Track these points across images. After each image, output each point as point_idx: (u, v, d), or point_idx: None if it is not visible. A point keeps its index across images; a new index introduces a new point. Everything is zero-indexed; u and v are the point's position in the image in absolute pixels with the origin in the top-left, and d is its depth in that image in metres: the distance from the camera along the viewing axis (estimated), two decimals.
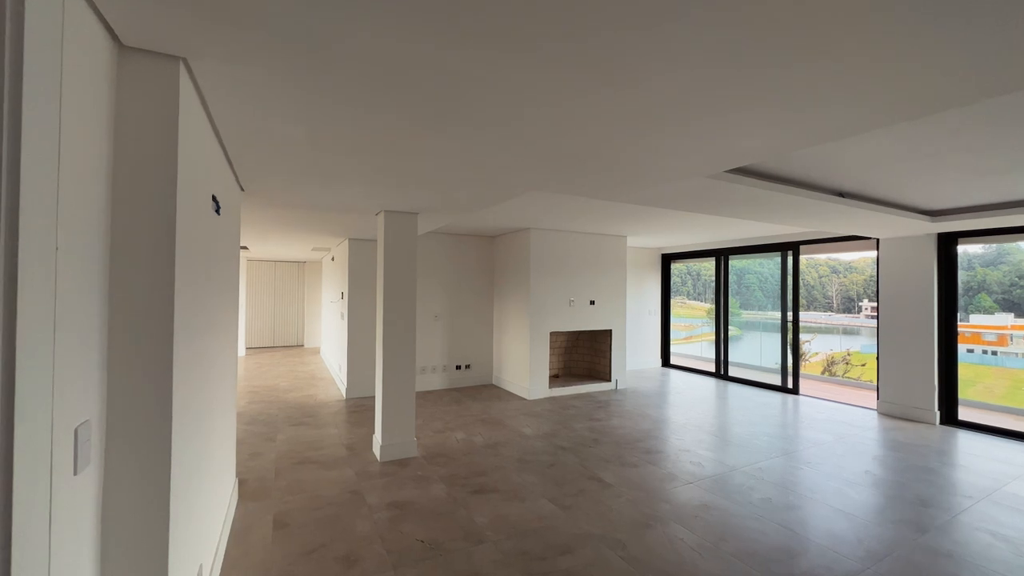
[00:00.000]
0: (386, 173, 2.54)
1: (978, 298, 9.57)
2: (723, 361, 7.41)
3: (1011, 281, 9.52)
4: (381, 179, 2.68)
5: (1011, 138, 2.43)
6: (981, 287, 9.92)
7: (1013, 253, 9.21)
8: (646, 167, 2.32)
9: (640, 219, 5.21)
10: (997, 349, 9.09)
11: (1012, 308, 9.25)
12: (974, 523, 2.74)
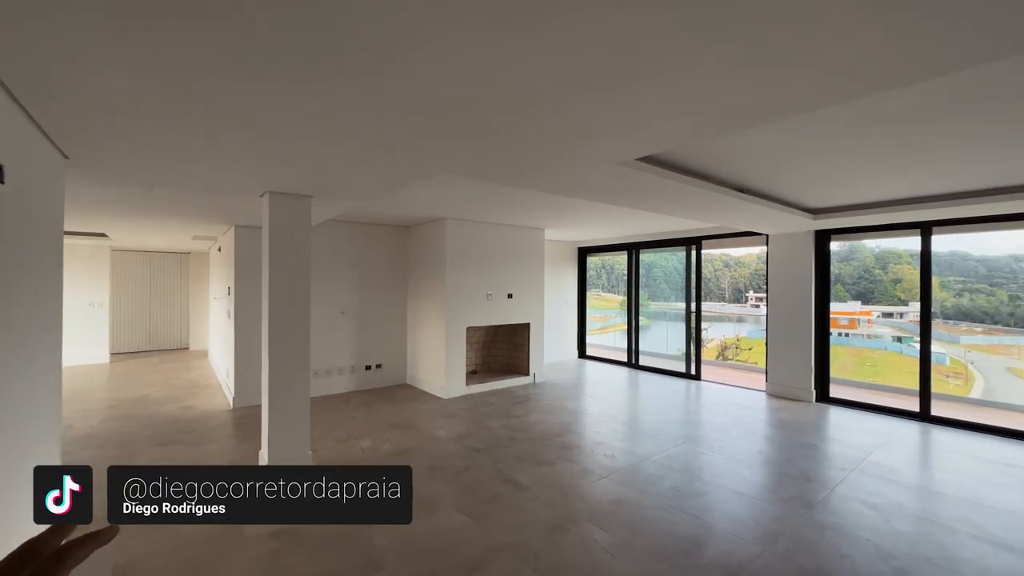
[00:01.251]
0: (249, 143, 2.12)
1: (835, 289, 11.33)
2: (634, 351, 7.72)
3: (859, 275, 11.21)
4: (244, 151, 2.24)
5: (876, 141, 2.65)
6: (837, 279, 11.72)
7: (860, 251, 10.83)
8: (560, 147, 2.16)
9: (557, 212, 5.15)
10: (848, 332, 10.77)
11: (859, 297, 10.88)
12: (849, 494, 3.01)
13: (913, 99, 2.08)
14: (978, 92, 1.99)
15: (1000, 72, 1.81)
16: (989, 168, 3.17)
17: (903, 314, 15.21)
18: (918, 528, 2.59)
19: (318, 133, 1.98)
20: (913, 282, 17.60)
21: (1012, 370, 10.09)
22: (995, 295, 11.46)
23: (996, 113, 2.20)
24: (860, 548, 2.38)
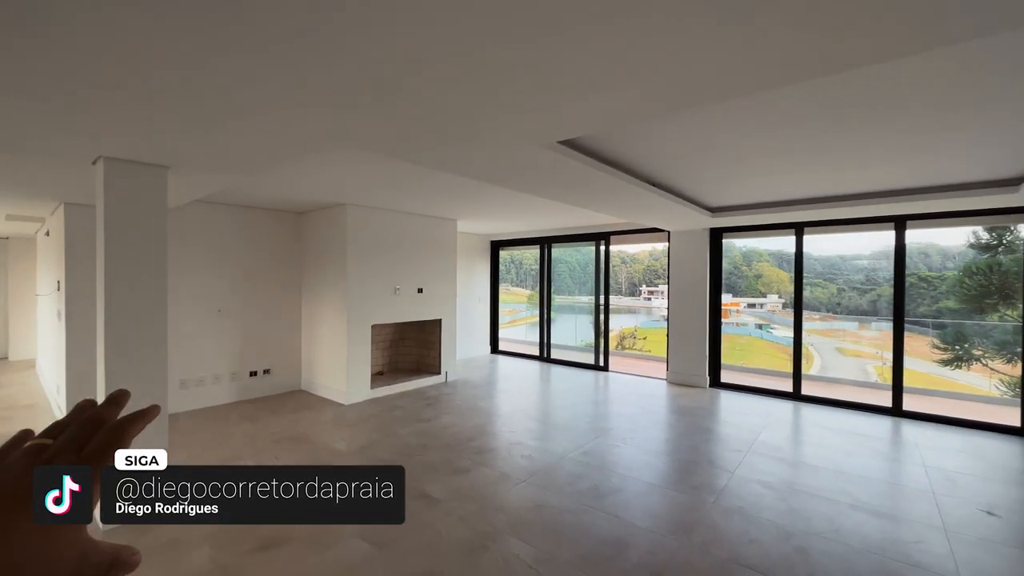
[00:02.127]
0: (59, 81, 1.55)
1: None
2: (546, 344, 7.76)
3: (729, 270, 12.78)
4: (56, 95, 1.65)
5: (776, 143, 2.79)
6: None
7: (731, 250, 12.37)
8: (478, 118, 1.90)
9: (471, 201, 4.88)
10: (723, 321, 12.39)
11: (730, 290, 12.43)
12: (748, 476, 3.19)
13: (809, 102, 2.17)
14: (843, 101, 2.13)
15: (856, 84, 1.93)
16: (852, 175, 3.56)
17: (763, 304, 17.56)
18: (807, 504, 2.80)
19: (165, 79, 1.49)
20: (771, 277, 20.29)
21: (840, 350, 12.13)
22: (828, 288, 13.71)
23: (855, 123, 2.41)
24: (765, 530, 2.49)
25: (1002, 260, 9.00)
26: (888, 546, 2.35)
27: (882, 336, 11.96)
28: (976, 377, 9.11)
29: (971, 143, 2.75)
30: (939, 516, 2.66)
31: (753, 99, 2.16)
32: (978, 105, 2.18)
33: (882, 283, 13.47)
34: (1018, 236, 9.01)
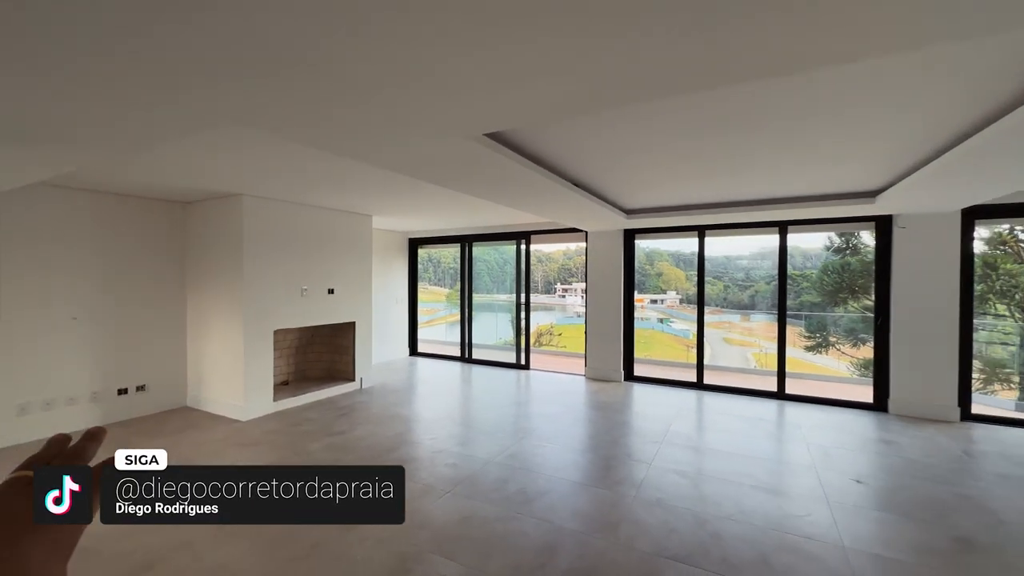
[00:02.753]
0: None
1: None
2: (467, 344, 7.63)
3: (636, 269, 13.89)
4: None
5: (678, 150, 2.95)
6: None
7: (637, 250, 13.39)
8: (398, 105, 1.71)
9: (388, 196, 4.58)
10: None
11: (636, 288, 13.53)
12: (664, 466, 3.35)
13: (711, 112, 2.30)
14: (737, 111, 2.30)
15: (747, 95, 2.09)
16: (745, 183, 3.91)
17: (663, 300, 19.18)
18: (716, 488, 3.00)
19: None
20: (670, 275, 22.01)
21: (726, 340, 13.64)
22: (716, 285, 15.34)
23: (742, 135, 2.62)
24: (682, 519, 2.60)
25: (851, 261, 10.73)
26: (784, 521, 2.58)
27: (760, 327, 13.62)
28: (830, 360, 10.70)
29: (836, 160, 3.14)
30: (821, 489, 3.00)
31: (667, 106, 2.22)
32: (843, 126, 2.46)
33: (758, 280, 15.37)
34: (862, 241, 10.81)
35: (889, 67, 1.82)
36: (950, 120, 2.36)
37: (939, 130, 2.51)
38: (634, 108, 2.26)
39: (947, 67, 1.82)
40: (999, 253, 8.86)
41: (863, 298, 10.44)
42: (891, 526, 2.56)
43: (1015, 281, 8.82)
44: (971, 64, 1.78)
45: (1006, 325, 8.79)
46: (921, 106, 2.21)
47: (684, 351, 15.36)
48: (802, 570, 2.14)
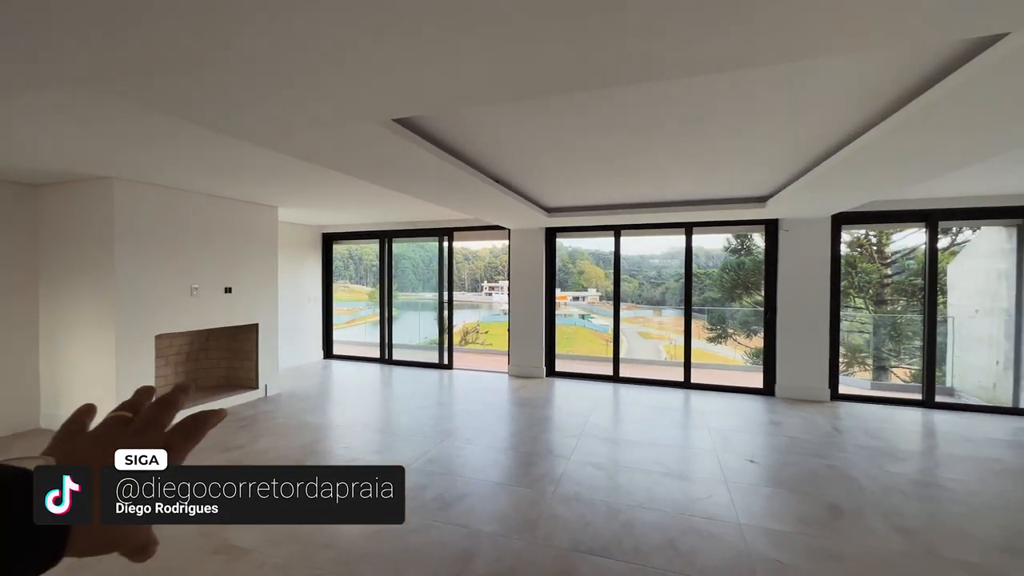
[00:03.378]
0: None
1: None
2: (387, 345, 7.30)
3: (558, 267, 14.35)
4: None
5: (607, 148, 3.02)
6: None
7: (559, 249, 13.69)
8: (296, 84, 1.52)
9: (295, 185, 4.20)
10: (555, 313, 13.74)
11: (558, 285, 13.99)
12: (582, 459, 3.42)
13: (625, 114, 2.37)
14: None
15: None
16: (656, 186, 4.13)
17: (584, 297, 20.03)
18: (630, 478, 3.12)
19: None
20: (590, 274, 23.07)
21: (641, 334, 14.60)
22: (632, 282, 16.30)
23: (651, 139, 2.77)
24: (597, 511, 2.66)
25: (745, 260, 11.99)
26: (690, 505, 2.75)
27: (670, 321, 14.73)
28: (728, 350, 11.87)
29: (732, 167, 3.41)
30: (721, 471, 3.24)
31: (576, 106, 2.24)
32: (736, 136, 2.67)
33: (669, 279, 16.67)
34: (754, 243, 12.13)
35: (772, 82, 1.97)
36: (824, 135, 2.65)
37: (816, 143, 2.80)
38: (548, 105, 2.25)
39: (821, 85, 2.01)
40: (857, 254, 10.36)
41: (755, 294, 11.71)
42: (778, 500, 2.82)
43: (869, 278, 10.37)
44: (842, 83, 1.99)
45: (862, 316, 10.29)
46: (800, 121, 2.44)
47: (604, 346, 16.11)
48: (705, 550, 2.28)
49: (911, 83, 1.90)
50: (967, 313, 5.87)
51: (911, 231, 9.75)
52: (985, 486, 3.02)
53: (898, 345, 9.34)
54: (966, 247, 6.52)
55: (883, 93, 2.04)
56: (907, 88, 1.94)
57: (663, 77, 1.51)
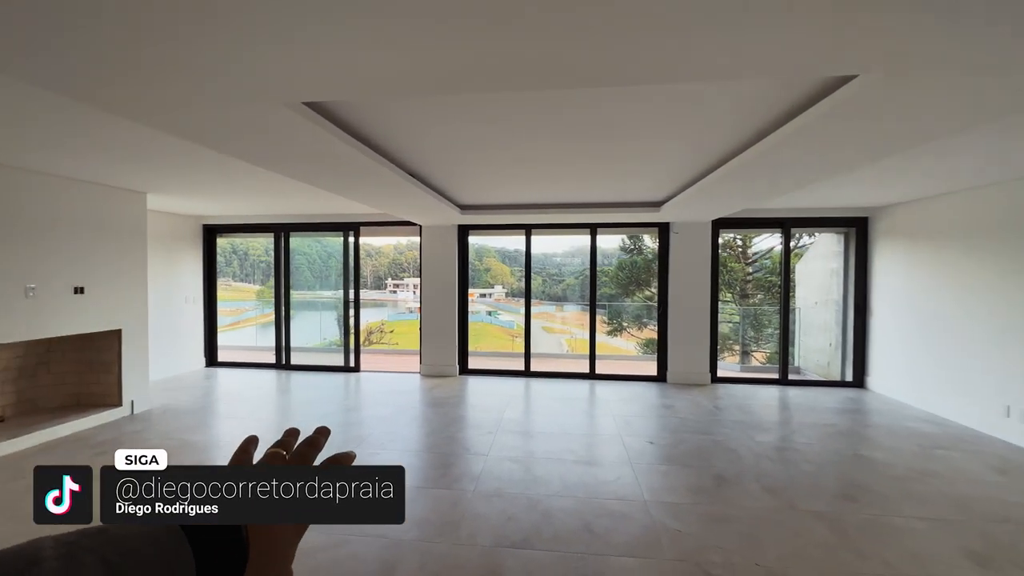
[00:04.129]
0: None
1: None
2: (285, 349, 6.69)
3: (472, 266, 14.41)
4: None
5: (525, 148, 3.09)
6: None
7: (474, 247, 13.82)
8: (194, 52, 1.32)
9: (169, 167, 3.64)
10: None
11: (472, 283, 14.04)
12: (500, 455, 3.48)
13: (539, 116, 2.46)
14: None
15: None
16: (564, 188, 4.34)
17: (491, 294, 20.39)
18: (545, 468, 3.24)
19: None
20: (497, 271, 23.37)
21: (545, 328, 15.30)
22: (535, 279, 16.98)
23: (558, 143, 2.93)
24: (518, 504, 2.72)
25: (637, 260, 13.19)
26: (602, 488, 2.94)
27: (571, 316, 15.60)
28: (623, 342, 12.95)
29: (632, 174, 3.71)
30: (626, 453, 3.52)
31: (506, 107, 2.27)
32: (636, 143, 2.92)
33: (569, 276, 17.67)
34: (644, 244, 13.40)
35: (676, 97, 2.18)
36: (717, 148, 2.99)
37: (709, 154, 3.16)
38: (469, 103, 2.23)
39: (717, 103, 2.27)
40: (727, 255, 11.95)
41: (646, 290, 12.93)
42: (674, 476, 3.14)
43: (735, 276, 12.02)
44: (734, 102, 2.26)
45: (730, 308, 11.88)
46: (699, 134, 2.73)
47: (511, 341, 16.48)
48: (618, 529, 2.46)
49: (786, 107, 2.23)
50: (809, 304, 7.07)
51: (766, 235, 11.53)
52: (825, 447, 3.68)
53: (758, 332, 10.97)
54: (808, 250, 7.84)
55: (763, 115, 2.36)
56: (784, 111, 2.27)
57: (562, 87, 1.64)
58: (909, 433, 4.00)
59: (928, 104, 1.84)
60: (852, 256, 5.76)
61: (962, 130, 2.13)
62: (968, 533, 2.44)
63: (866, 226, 5.60)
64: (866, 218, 5.58)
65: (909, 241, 4.96)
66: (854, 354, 5.69)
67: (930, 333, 4.64)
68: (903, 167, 3.48)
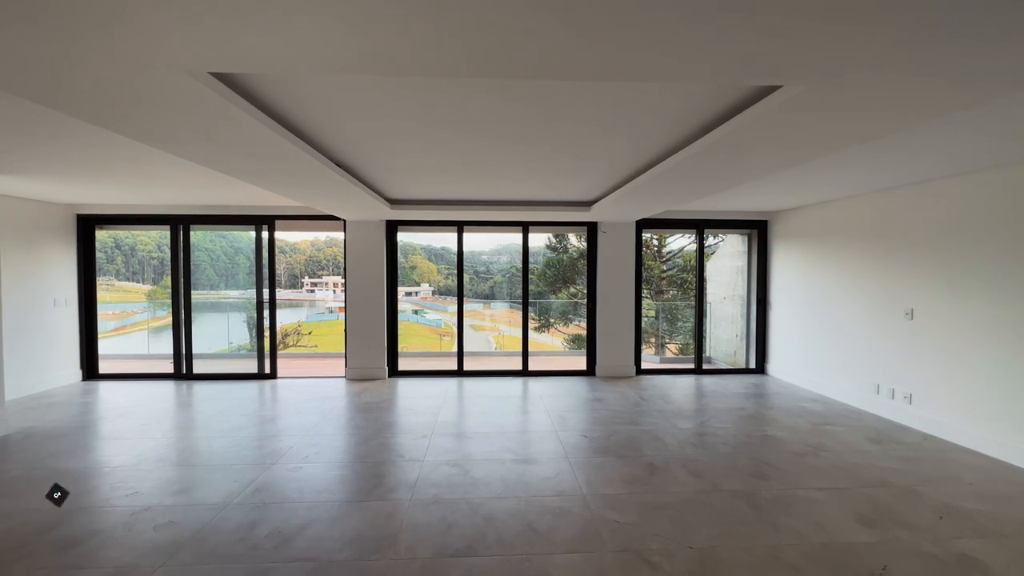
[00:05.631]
0: None
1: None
2: (186, 356, 5.93)
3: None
4: None
5: (445, 145, 2.99)
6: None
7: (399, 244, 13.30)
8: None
9: (25, 137, 3.03)
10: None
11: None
12: (436, 459, 3.35)
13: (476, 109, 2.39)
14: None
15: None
16: (495, 184, 4.31)
17: (417, 292, 19.95)
18: (484, 470, 3.18)
19: None
20: (424, 268, 22.90)
21: (473, 327, 15.27)
22: (464, 277, 16.89)
23: (492, 140, 2.91)
24: (458, 511, 2.63)
25: (563, 258, 13.60)
26: (543, 486, 2.94)
27: (499, 313, 15.70)
28: (549, 337, 13.30)
29: (572, 175, 3.78)
30: (563, 449, 3.57)
31: (438, 96, 2.16)
32: (569, 144, 2.97)
33: (496, 273, 17.80)
34: (570, 242, 13.86)
35: (616, 97, 2.22)
36: (647, 149, 3.11)
37: (639, 156, 3.28)
38: (401, 90, 2.10)
39: (650, 104, 2.35)
40: (645, 253, 12.75)
41: (571, 287, 13.38)
42: (609, 467, 3.24)
43: (651, 273, 12.84)
44: (667, 104, 2.35)
45: (647, 303, 12.67)
46: (632, 134, 2.82)
47: (438, 340, 16.19)
48: (560, 525, 2.47)
49: (717, 113, 2.36)
50: (718, 299, 7.73)
51: (678, 236, 12.47)
52: (738, 429, 4.03)
53: (672, 326, 11.82)
54: (717, 249, 8.58)
55: (690, 121, 2.49)
56: (711, 117, 2.41)
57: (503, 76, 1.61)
58: (803, 412, 4.51)
59: (847, 115, 2.04)
60: (755, 255, 6.38)
61: (867, 141, 2.40)
62: (856, 499, 2.78)
63: (766, 228, 6.23)
64: (766, 221, 6.21)
65: (801, 241, 5.60)
66: (756, 343, 6.32)
67: (816, 322, 5.28)
68: (794, 179, 3.90)
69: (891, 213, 4.32)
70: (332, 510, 2.65)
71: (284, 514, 2.59)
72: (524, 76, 1.59)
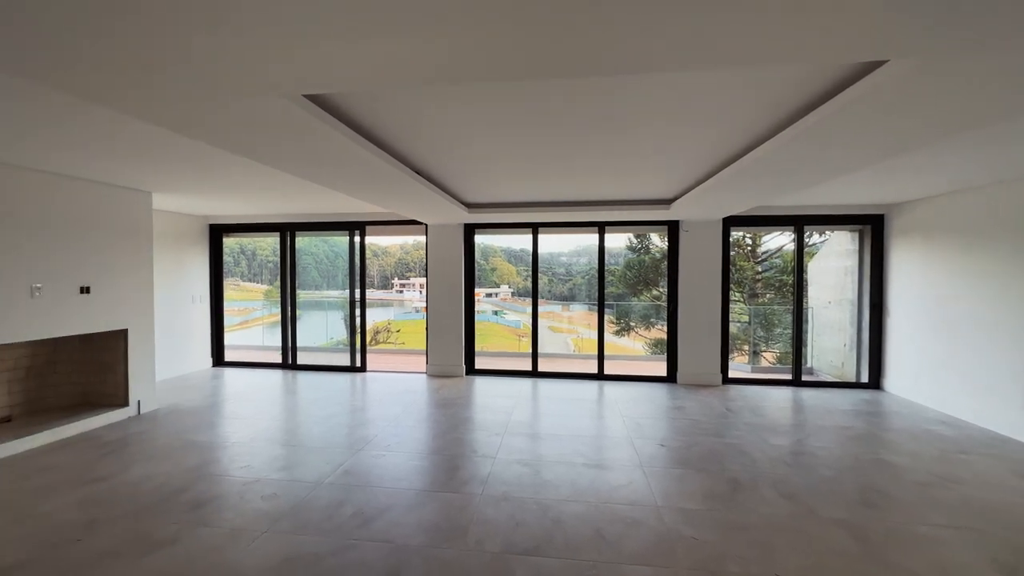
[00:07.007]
0: None
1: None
2: (291, 349, 6.67)
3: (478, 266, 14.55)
4: None
5: (520, 148, 3.01)
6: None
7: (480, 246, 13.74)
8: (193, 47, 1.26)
9: (172, 163, 3.60)
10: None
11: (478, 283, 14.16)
12: (507, 458, 3.41)
13: (551, 111, 2.38)
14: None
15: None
16: (572, 185, 4.26)
17: (497, 294, 20.34)
18: (555, 472, 3.16)
19: None
20: (503, 270, 23.36)
21: (552, 328, 15.21)
22: (542, 279, 16.99)
23: (569, 137, 2.85)
24: (527, 510, 2.65)
25: (644, 259, 13.02)
26: (612, 493, 2.86)
27: (578, 315, 15.49)
28: (630, 341, 12.80)
29: (650, 172, 3.62)
30: (637, 457, 3.43)
31: (498, 98, 2.19)
32: (657, 141, 2.83)
33: (576, 275, 17.58)
34: (652, 243, 13.24)
35: (694, 89, 2.10)
36: (730, 142, 2.90)
37: (721, 149, 3.06)
38: (475, 97, 2.16)
39: (733, 94, 2.18)
40: (736, 253, 11.79)
41: (653, 289, 12.78)
42: (688, 480, 3.05)
43: (744, 274, 11.83)
44: (750, 93, 2.17)
45: (739, 307, 11.70)
46: (712, 126, 2.64)
47: (517, 341, 16.43)
48: (630, 536, 2.38)
49: (806, 99, 2.14)
50: (822, 304, 6.92)
51: (776, 234, 11.35)
52: (844, 450, 3.57)
53: (768, 332, 10.80)
54: (821, 248, 7.69)
55: (781, 106, 2.27)
56: (803, 102, 2.18)
57: (574, 75, 1.58)
58: (929, 436, 3.88)
59: (959, 94, 1.74)
60: (867, 254, 5.62)
61: (989, 123, 2.03)
62: (995, 543, 2.33)
63: (882, 224, 5.46)
64: (882, 215, 5.44)
65: (926, 239, 4.82)
66: (870, 355, 5.56)
67: (948, 333, 4.50)
68: (921, 164, 3.37)
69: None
70: (408, 497, 2.81)
71: (367, 497, 2.80)
72: (627, 71, 1.57)
